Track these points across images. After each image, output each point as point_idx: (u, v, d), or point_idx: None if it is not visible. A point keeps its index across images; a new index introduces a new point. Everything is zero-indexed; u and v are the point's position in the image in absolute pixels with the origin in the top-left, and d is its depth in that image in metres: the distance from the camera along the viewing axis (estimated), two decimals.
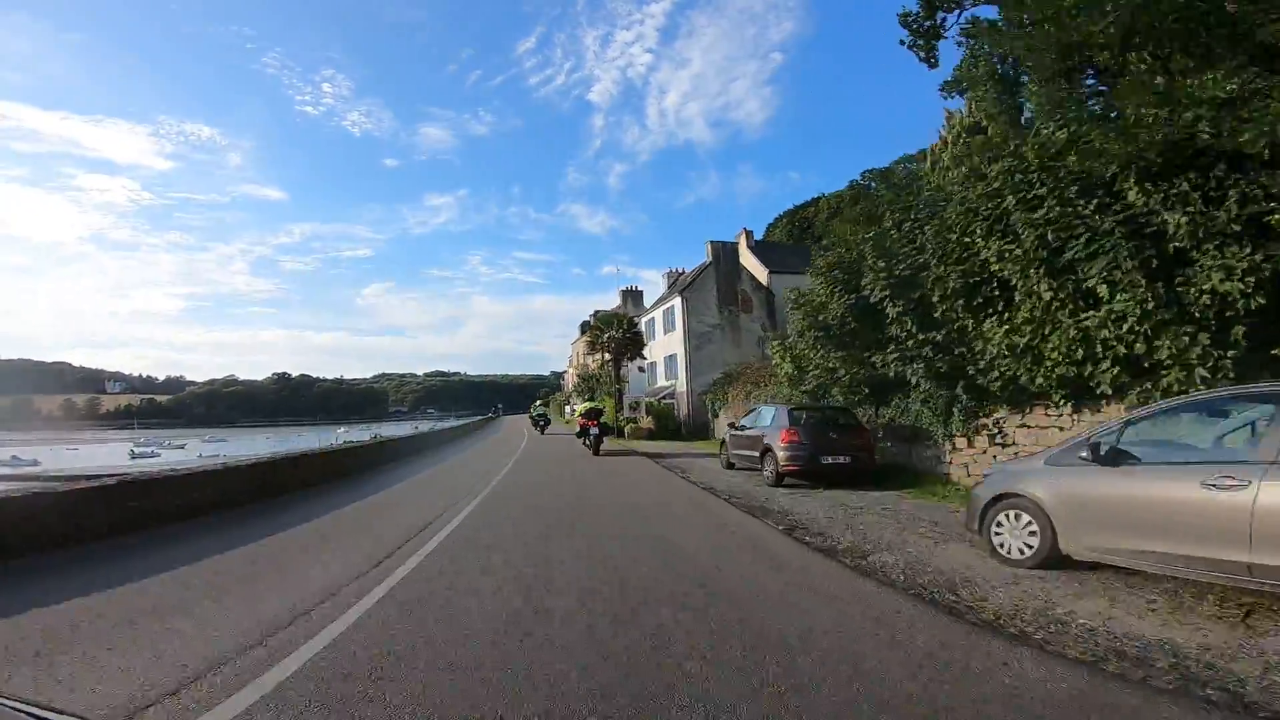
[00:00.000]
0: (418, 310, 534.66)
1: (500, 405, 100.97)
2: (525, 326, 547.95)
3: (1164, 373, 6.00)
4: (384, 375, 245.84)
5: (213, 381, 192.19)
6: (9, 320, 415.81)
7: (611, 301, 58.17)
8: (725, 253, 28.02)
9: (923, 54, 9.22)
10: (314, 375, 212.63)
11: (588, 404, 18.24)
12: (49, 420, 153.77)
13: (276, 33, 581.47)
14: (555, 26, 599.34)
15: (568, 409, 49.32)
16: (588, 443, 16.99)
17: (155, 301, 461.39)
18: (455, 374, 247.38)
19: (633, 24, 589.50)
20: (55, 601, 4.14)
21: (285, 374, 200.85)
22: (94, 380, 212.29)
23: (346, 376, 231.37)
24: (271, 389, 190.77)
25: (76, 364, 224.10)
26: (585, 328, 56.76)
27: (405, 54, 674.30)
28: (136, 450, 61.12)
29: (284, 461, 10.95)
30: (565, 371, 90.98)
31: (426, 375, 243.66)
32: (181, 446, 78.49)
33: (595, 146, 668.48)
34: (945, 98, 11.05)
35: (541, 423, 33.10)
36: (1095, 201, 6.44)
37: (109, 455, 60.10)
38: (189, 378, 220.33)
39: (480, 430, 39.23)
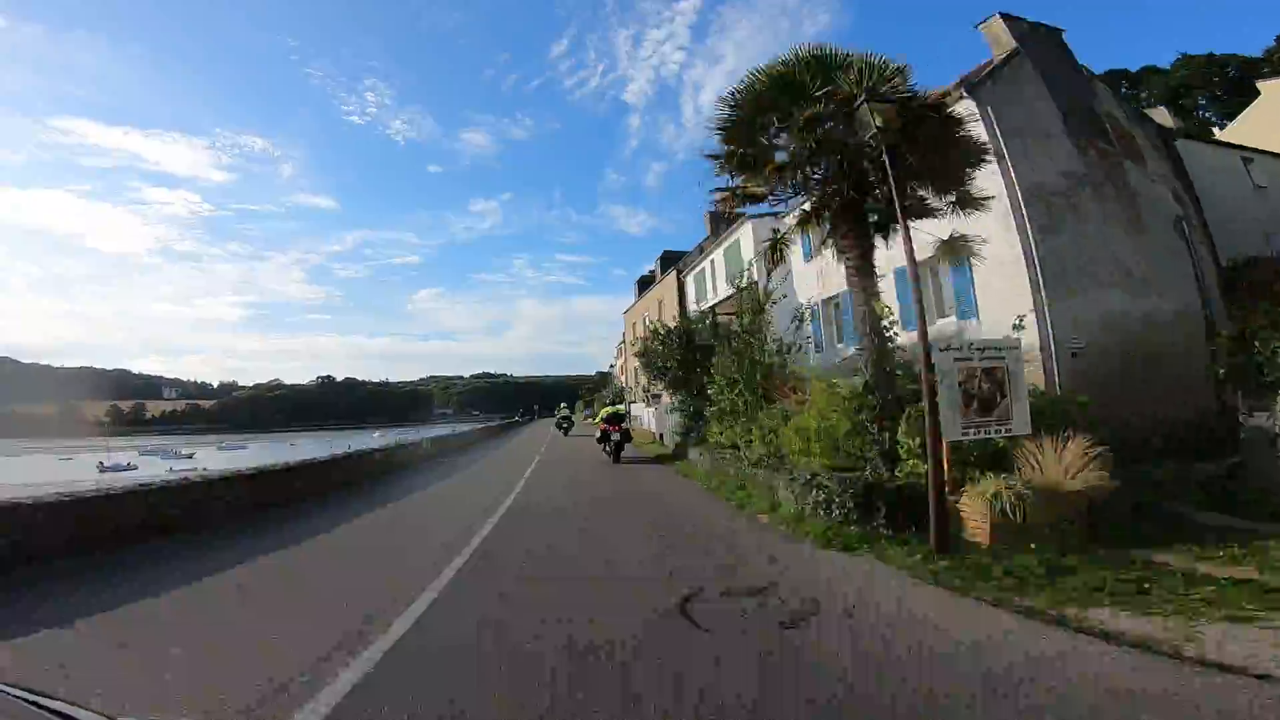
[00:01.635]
0: (466, 314, 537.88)
1: (536, 406, 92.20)
2: (569, 329, 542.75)
3: None
4: (431, 378, 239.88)
5: (258, 386, 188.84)
6: (87, 328, 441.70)
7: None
8: (1041, 42, 11.91)
9: None
10: (359, 379, 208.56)
11: (609, 408, 16.76)
12: (93, 427, 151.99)
13: (319, 43, 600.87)
14: (587, 28, 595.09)
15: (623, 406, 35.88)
16: (608, 449, 15.61)
17: (218, 310, 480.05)
18: (501, 375, 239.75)
19: (663, 22, 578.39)
20: None
21: (330, 377, 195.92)
22: (152, 387, 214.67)
23: (398, 380, 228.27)
24: (316, 393, 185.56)
25: (136, 371, 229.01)
26: (645, 284, 41.07)
27: (443, 61, 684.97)
28: (106, 463, 50.68)
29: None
30: (614, 364, 77.34)
31: (472, 377, 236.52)
32: (189, 456, 68.57)
33: (632, 146, 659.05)
34: None
35: (565, 425, 36.77)
36: None
37: (79, 469, 49.44)
38: (242, 383, 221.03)
39: (502, 436, 35.74)
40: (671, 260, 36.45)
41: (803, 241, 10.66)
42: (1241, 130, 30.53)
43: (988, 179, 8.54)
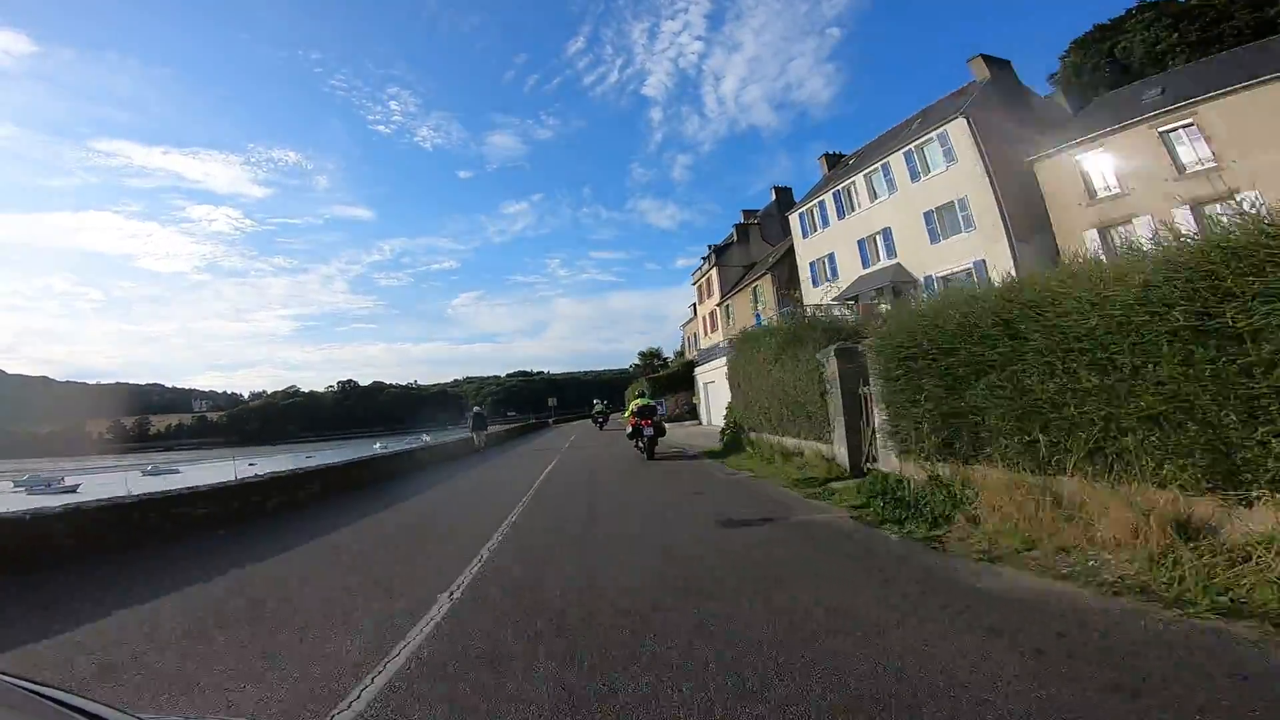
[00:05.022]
0: (506, 316, 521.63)
1: (553, 403, 60.12)
2: (606, 325, 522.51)
3: None
4: (466, 379, 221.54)
5: (273, 394, 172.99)
6: (150, 349, 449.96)
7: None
8: None
9: None
10: (387, 382, 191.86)
11: (639, 400, 15.32)
12: (94, 443, 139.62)
13: (341, 55, 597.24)
14: (601, 24, 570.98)
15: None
16: (640, 444, 14.12)
17: (269, 323, 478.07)
18: (538, 373, 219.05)
19: (677, 13, 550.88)
20: None
21: (351, 382, 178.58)
22: (182, 401, 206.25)
23: (430, 382, 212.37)
24: (334, 399, 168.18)
25: (169, 385, 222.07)
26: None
27: (463, 66, 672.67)
28: None
29: None
30: (694, 312, 52.21)
31: (508, 376, 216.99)
32: (73, 489, 46.89)
33: (656, 140, 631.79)
34: None
35: (600, 419, 35.45)
36: None
37: None
38: (271, 392, 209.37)
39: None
40: None
41: None
42: None
43: None
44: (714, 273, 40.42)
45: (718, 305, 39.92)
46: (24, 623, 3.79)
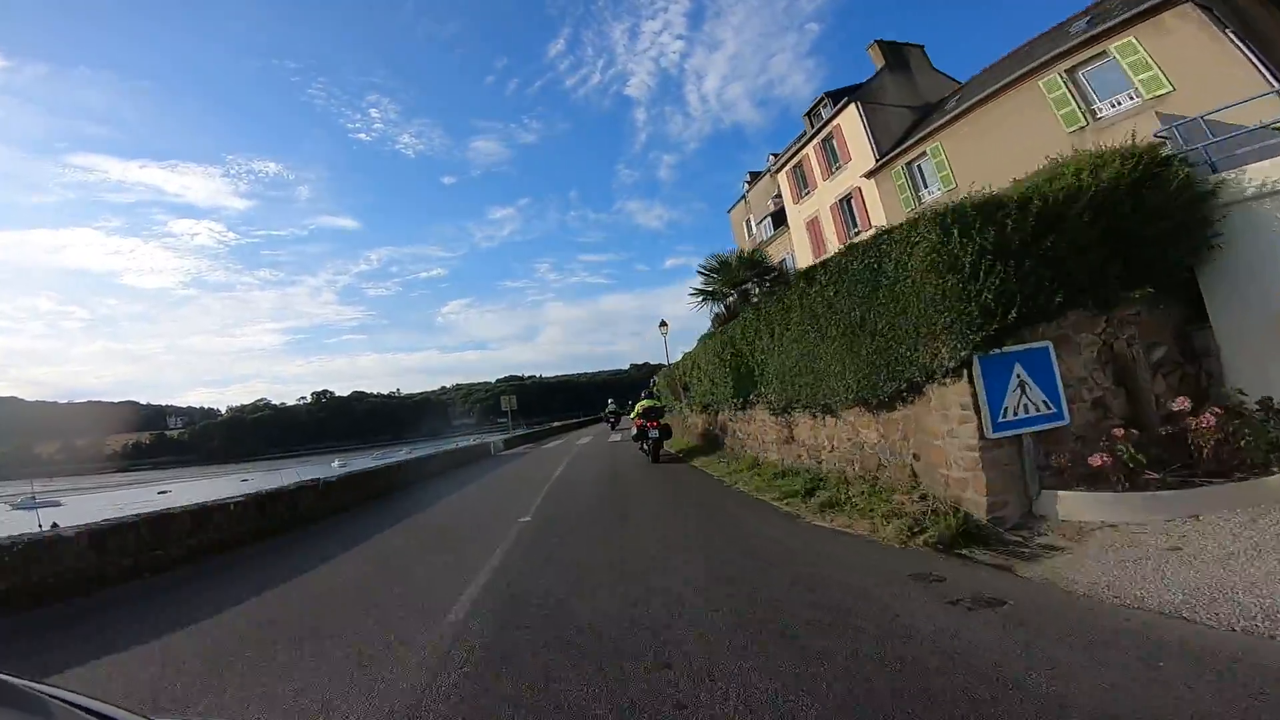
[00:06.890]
0: (497, 322, 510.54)
1: (510, 406, 36.51)
2: (599, 328, 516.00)
3: None
4: (455, 386, 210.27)
5: (241, 408, 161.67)
6: (137, 367, 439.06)
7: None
8: None
9: None
10: (368, 391, 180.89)
11: (645, 402, 14.93)
12: (42, 465, 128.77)
13: (317, 63, 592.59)
14: (581, 25, 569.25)
15: None
16: (645, 446, 14.25)
17: (258, 337, 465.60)
18: (530, 377, 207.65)
19: (657, 12, 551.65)
20: None
21: (326, 392, 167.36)
22: (156, 417, 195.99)
23: (415, 390, 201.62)
24: (307, 412, 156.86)
25: (144, 402, 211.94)
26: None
27: (443, 70, 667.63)
28: None
29: None
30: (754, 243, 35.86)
31: (498, 381, 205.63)
32: None
33: (641, 140, 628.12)
34: None
35: (612, 419, 33.33)
36: None
37: None
38: (239, 405, 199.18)
39: None
40: None
41: None
42: None
43: None
44: (850, 120, 24.65)
45: (870, 174, 23.25)
46: None
